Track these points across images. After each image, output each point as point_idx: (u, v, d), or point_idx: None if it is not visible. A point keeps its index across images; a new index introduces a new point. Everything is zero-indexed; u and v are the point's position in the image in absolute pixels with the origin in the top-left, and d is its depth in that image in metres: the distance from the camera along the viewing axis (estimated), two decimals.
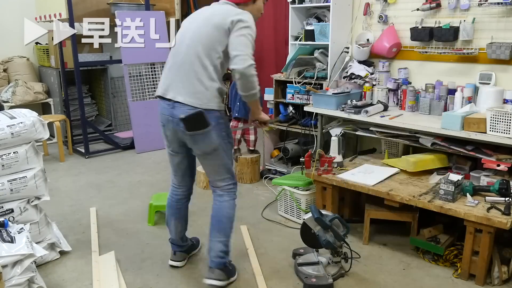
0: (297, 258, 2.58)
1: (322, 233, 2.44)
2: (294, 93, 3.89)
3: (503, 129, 2.54)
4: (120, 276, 2.44)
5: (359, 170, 3.03)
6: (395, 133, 3.08)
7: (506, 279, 2.39)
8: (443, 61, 3.30)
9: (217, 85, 2.20)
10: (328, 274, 2.40)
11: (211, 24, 2.18)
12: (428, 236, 2.65)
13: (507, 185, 2.44)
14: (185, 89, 2.20)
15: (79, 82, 4.81)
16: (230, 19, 2.13)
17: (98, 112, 6.03)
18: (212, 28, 2.17)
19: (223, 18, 2.15)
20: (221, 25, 2.14)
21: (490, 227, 2.28)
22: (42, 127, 2.59)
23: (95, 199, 3.66)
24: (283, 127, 4.03)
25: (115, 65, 5.59)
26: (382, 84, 3.53)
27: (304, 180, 3.17)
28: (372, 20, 3.67)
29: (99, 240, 2.90)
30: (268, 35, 6.11)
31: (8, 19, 5.30)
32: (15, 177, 2.48)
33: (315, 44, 3.78)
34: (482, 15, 3.05)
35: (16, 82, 5.18)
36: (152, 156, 4.92)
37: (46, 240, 2.63)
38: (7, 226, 2.29)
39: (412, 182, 2.81)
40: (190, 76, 2.19)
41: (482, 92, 2.88)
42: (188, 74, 2.20)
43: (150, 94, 5.11)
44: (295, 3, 3.88)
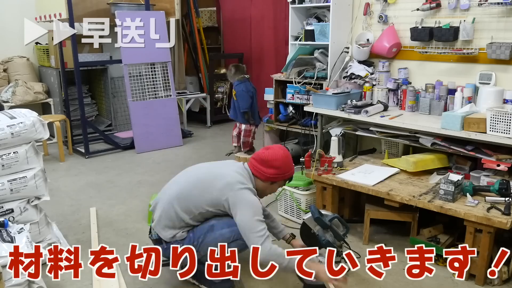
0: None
1: (322, 233, 2.44)
2: (294, 93, 3.89)
3: (503, 129, 2.54)
4: (120, 276, 2.44)
5: (359, 170, 3.02)
6: (395, 133, 3.08)
7: (506, 279, 2.39)
8: (443, 61, 3.30)
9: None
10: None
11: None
12: (428, 236, 2.65)
13: (507, 185, 2.44)
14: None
15: (79, 82, 4.81)
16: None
17: (98, 112, 6.03)
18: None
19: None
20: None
21: (490, 227, 2.28)
22: (42, 127, 2.59)
23: (95, 199, 3.65)
24: (283, 127, 4.03)
25: (115, 65, 5.59)
26: (382, 84, 3.53)
27: (304, 180, 3.17)
28: (372, 20, 3.67)
29: (99, 240, 2.90)
30: (268, 35, 6.13)
31: (8, 19, 5.30)
32: (15, 177, 2.48)
33: (315, 44, 3.79)
34: (482, 15, 3.04)
35: (16, 82, 5.18)
36: (152, 156, 4.92)
37: (46, 240, 2.62)
38: (7, 226, 2.29)
39: (412, 182, 2.81)
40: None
41: (482, 92, 2.88)
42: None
43: (150, 94, 5.12)
44: (295, 3, 3.89)
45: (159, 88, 5.19)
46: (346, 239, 2.55)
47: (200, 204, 2.17)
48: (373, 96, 3.49)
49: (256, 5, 6.25)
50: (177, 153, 5.04)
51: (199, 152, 5.06)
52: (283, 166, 2.26)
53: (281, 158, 2.26)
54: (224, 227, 2.18)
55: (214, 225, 2.20)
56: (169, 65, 5.23)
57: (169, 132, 5.23)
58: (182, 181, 2.30)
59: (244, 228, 2.10)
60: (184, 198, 2.19)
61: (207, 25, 7.04)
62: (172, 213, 2.19)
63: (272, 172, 2.24)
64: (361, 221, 2.93)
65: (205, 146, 5.35)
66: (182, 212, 2.18)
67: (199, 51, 6.57)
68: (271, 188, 2.33)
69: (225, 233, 2.18)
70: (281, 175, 2.28)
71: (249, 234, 2.08)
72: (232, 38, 6.85)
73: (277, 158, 2.24)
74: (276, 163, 2.24)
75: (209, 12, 7.10)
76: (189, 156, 4.90)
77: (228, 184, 2.15)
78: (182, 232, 2.21)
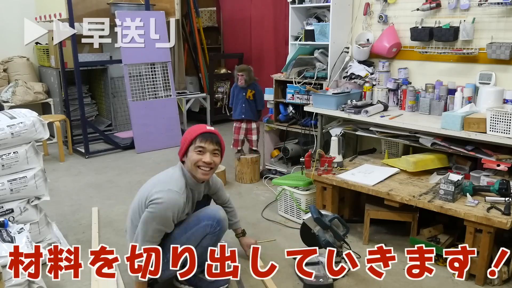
0: (297, 258, 2.58)
1: (322, 233, 2.44)
2: (294, 93, 3.88)
3: (503, 129, 2.54)
4: (119, 277, 2.44)
5: (359, 170, 3.02)
6: (395, 133, 3.08)
7: (506, 279, 2.39)
8: (443, 61, 3.30)
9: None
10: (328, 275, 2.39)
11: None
12: (428, 236, 2.65)
13: (507, 185, 2.44)
14: None
15: (79, 82, 4.81)
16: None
17: (98, 112, 6.03)
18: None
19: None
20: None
21: (490, 227, 2.28)
22: (42, 127, 2.59)
23: (95, 199, 3.66)
24: (283, 127, 4.03)
25: (115, 65, 5.59)
26: (382, 84, 3.53)
27: (304, 180, 3.17)
28: (372, 20, 3.67)
29: (99, 240, 2.90)
30: (268, 35, 6.12)
31: (8, 19, 5.30)
32: (15, 177, 2.48)
33: (315, 44, 3.78)
34: (482, 15, 3.04)
35: (16, 82, 5.18)
36: (152, 156, 4.92)
37: (46, 240, 2.62)
38: (7, 226, 2.29)
39: (412, 182, 2.81)
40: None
41: (482, 92, 2.88)
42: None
43: (150, 94, 5.12)
44: (295, 3, 3.88)
45: (159, 88, 5.19)
46: (346, 239, 2.55)
47: (136, 214, 2.19)
48: (373, 96, 3.49)
49: (256, 5, 6.24)
50: (177, 153, 5.03)
51: None
52: (185, 135, 2.24)
53: (184, 133, 2.27)
54: (193, 227, 2.19)
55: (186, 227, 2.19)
56: (169, 65, 5.23)
57: (169, 132, 5.23)
58: (138, 195, 2.29)
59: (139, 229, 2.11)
60: (137, 214, 2.20)
61: (207, 25, 7.04)
62: (131, 228, 2.24)
63: (180, 148, 2.24)
64: (361, 221, 2.93)
65: None
66: (135, 228, 2.19)
67: (199, 51, 6.57)
68: (190, 159, 2.19)
69: (194, 232, 2.18)
70: (184, 142, 2.22)
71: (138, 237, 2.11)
72: (232, 38, 6.85)
73: (182, 137, 2.27)
74: (181, 139, 2.26)
75: (209, 12, 7.10)
76: None
77: (157, 187, 2.13)
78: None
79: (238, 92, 3.97)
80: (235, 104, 4.04)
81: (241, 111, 3.98)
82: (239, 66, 4.04)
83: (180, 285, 2.36)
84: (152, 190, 2.11)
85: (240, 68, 3.92)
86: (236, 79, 3.91)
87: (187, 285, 2.35)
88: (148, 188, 2.16)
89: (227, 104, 6.61)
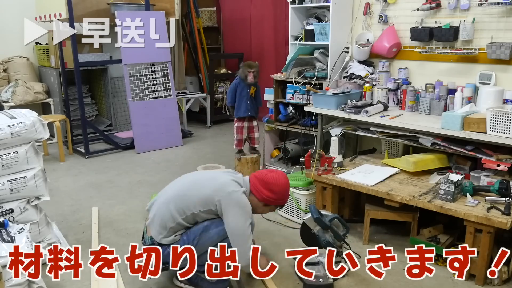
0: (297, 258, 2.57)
1: (322, 233, 2.44)
2: (294, 93, 3.88)
3: (503, 129, 2.54)
4: (119, 277, 2.44)
5: (359, 170, 3.02)
6: (395, 133, 3.08)
7: (506, 279, 2.39)
8: (443, 61, 3.30)
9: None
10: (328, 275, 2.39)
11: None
12: (428, 236, 2.65)
13: (507, 185, 2.44)
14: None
15: (79, 82, 4.81)
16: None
17: (98, 112, 6.03)
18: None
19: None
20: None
21: (490, 227, 2.28)
22: (42, 127, 2.59)
23: (95, 199, 3.66)
24: (283, 127, 4.03)
25: (115, 65, 5.59)
26: (382, 84, 3.53)
27: (304, 180, 3.17)
28: (372, 20, 3.67)
29: (99, 240, 2.90)
30: (268, 35, 6.13)
31: (8, 19, 5.30)
32: (15, 177, 2.48)
33: (315, 44, 3.78)
34: (482, 15, 3.04)
35: (16, 82, 5.18)
36: (152, 156, 4.92)
37: (46, 240, 2.62)
38: (7, 226, 2.29)
39: (412, 182, 2.81)
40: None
41: (482, 92, 2.88)
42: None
43: (150, 94, 5.12)
44: (295, 3, 3.88)
45: (159, 88, 5.19)
46: (346, 239, 2.55)
47: (193, 203, 2.18)
48: (373, 96, 3.49)
49: (256, 5, 6.25)
50: (177, 153, 5.04)
51: (199, 152, 5.06)
52: (281, 192, 2.30)
53: (282, 185, 2.29)
54: (218, 226, 2.20)
55: (208, 225, 2.21)
56: (169, 65, 5.23)
57: (169, 132, 5.24)
58: (179, 184, 2.33)
59: (235, 231, 2.14)
60: (180, 199, 2.21)
61: (207, 25, 7.04)
62: (166, 213, 2.20)
63: (269, 195, 2.27)
64: (361, 221, 2.93)
65: (205, 146, 5.35)
66: (175, 212, 2.19)
67: (199, 51, 6.57)
68: (262, 209, 2.36)
69: (220, 231, 2.19)
70: (276, 200, 2.31)
71: (238, 238, 2.13)
72: (232, 38, 6.85)
73: (278, 184, 2.27)
74: (276, 188, 2.27)
75: (209, 12, 7.10)
76: (189, 156, 4.90)
77: (223, 185, 2.19)
78: (174, 236, 2.21)
79: (242, 89, 3.92)
80: (239, 102, 3.96)
81: (247, 108, 3.96)
82: (248, 62, 3.99)
83: (180, 284, 2.36)
84: (226, 195, 2.17)
85: (250, 65, 3.90)
86: (245, 76, 3.88)
87: (187, 284, 2.35)
88: (215, 187, 2.19)
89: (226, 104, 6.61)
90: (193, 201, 2.18)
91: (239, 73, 3.93)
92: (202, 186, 2.23)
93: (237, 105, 4.00)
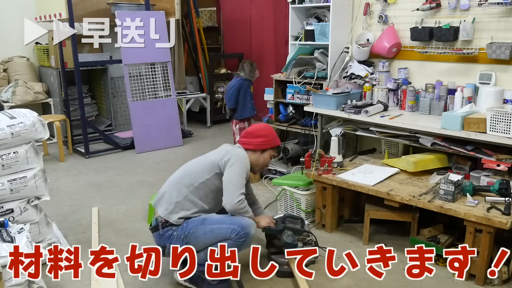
0: (271, 248, 2.67)
1: (286, 236, 2.48)
2: (294, 93, 3.89)
3: (503, 129, 2.54)
4: (119, 277, 2.44)
5: (359, 170, 3.02)
6: (395, 133, 3.08)
7: (506, 279, 2.39)
8: (443, 61, 3.30)
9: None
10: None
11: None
12: (428, 236, 2.65)
13: (507, 185, 2.44)
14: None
15: (79, 82, 4.81)
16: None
17: (98, 112, 6.03)
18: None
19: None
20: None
21: (490, 227, 2.28)
22: (42, 127, 2.59)
23: (95, 199, 3.66)
24: (283, 127, 4.03)
25: (115, 65, 5.59)
26: (382, 84, 3.53)
27: (304, 180, 3.17)
28: (372, 20, 3.67)
29: (99, 240, 2.90)
30: (268, 35, 6.12)
31: (8, 19, 5.30)
32: (15, 177, 2.48)
33: (315, 44, 3.78)
34: (482, 15, 3.05)
35: (16, 82, 5.18)
36: (152, 156, 4.92)
37: (46, 240, 2.62)
38: (7, 226, 2.29)
39: (412, 182, 2.81)
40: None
41: (482, 92, 2.88)
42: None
43: (150, 94, 5.12)
44: (295, 3, 3.89)
45: (159, 88, 5.19)
46: (311, 229, 2.71)
47: (199, 174, 2.32)
48: (373, 96, 3.49)
49: (256, 5, 6.24)
50: (177, 153, 5.04)
51: (199, 152, 5.01)
52: (269, 134, 2.49)
53: (265, 127, 2.53)
54: (215, 223, 2.25)
55: (206, 218, 2.28)
56: (169, 65, 5.23)
57: (169, 132, 5.24)
58: (184, 166, 2.47)
59: (230, 181, 2.25)
60: (187, 176, 2.36)
61: (207, 25, 7.04)
62: (174, 189, 2.32)
63: (260, 140, 2.45)
64: (361, 221, 2.93)
65: (205, 146, 5.34)
66: (183, 187, 2.30)
67: (199, 51, 6.57)
68: (263, 157, 2.48)
69: (214, 229, 2.24)
70: (269, 142, 2.48)
71: (232, 188, 2.24)
72: (232, 38, 6.85)
73: (261, 128, 2.51)
74: (262, 132, 2.49)
75: (209, 12, 7.10)
76: (189, 156, 4.88)
77: (226, 149, 2.40)
78: (178, 218, 2.26)
79: (246, 88, 3.91)
80: (244, 101, 3.92)
81: (253, 107, 3.96)
82: (250, 61, 4.02)
83: (184, 282, 2.36)
84: (230, 153, 2.34)
85: (252, 63, 3.93)
86: (254, 75, 3.89)
87: (187, 282, 2.35)
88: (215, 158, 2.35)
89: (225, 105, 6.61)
90: (199, 172, 2.34)
91: (245, 73, 3.89)
92: (205, 158, 2.41)
93: (241, 106, 3.95)
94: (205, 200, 2.32)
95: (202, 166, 2.35)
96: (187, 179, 2.33)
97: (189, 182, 2.31)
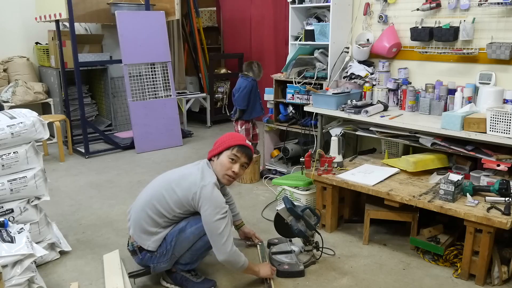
0: (272, 248, 2.68)
1: (295, 222, 2.52)
2: (294, 93, 3.88)
3: (503, 129, 2.54)
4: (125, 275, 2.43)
5: (359, 170, 3.02)
6: (395, 133, 3.08)
7: (506, 279, 2.39)
8: (443, 61, 3.30)
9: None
10: (299, 262, 2.50)
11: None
12: (428, 236, 2.65)
13: (507, 185, 2.44)
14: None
15: (79, 82, 4.81)
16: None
17: (98, 112, 6.03)
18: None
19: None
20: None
21: (490, 227, 2.28)
22: (42, 127, 2.59)
23: (95, 199, 3.66)
24: (283, 127, 4.03)
25: (115, 65, 5.59)
26: (382, 84, 3.53)
27: (304, 180, 3.17)
28: (372, 20, 3.67)
29: (99, 240, 2.90)
30: (268, 35, 6.13)
31: (8, 19, 5.30)
32: (15, 177, 2.48)
33: (315, 44, 3.78)
34: (482, 15, 3.05)
35: (16, 82, 5.18)
36: (152, 156, 4.92)
37: (46, 240, 2.62)
38: (7, 226, 2.29)
39: (412, 182, 2.81)
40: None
41: (482, 92, 2.88)
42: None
43: (150, 94, 5.12)
44: (295, 3, 3.88)
45: (159, 88, 5.19)
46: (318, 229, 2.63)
47: (171, 206, 2.20)
48: (373, 96, 3.49)
49: (256, 5, 6.25)
50: (177, 153, 5.04)
51: (199, 152, 5.06)
52: (227, 139, 2.33)
53: (223, 136, 2.38)
54: (193, 225, 2.21)
55: (184, 226, 2.22)
56: (169, 65, 5.23)
57: (169, 132, 5.24)
58: (151, 187, 2.33)
59: (208, 230, 2.14)
60: (156, 202, 2.21)
61: (207, 25, 7.04)
62: (146, 218, 2.22)
63: (220, 147, 2.31)
64: (361, 221, 2.94)
65: (205, 146, 5.35)
66: (155, 216, 2.21)
67: (199, 51, 6.57)
68: (220, 162, 2.28)
69: (194, 230, 2.21)
70: (220, 145, 2.32)
71: (213, 237, 2.13)
72: (232, 38, 6.86)
73: (219, 138, 2.38)
74: (220, 140, 2.36)
75: (209, 12, 7.10)
76: (189, 156, 4.90)
77: (192, 183, 2.18)
78: (153, 245, 2.22)
79: (256, 89, 3.93)
80: (254, 101, 3.91)
81: (261, 107, 3.96)
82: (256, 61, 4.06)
83: (167, 284, 2.37)
84: (197, 191, 2.14)
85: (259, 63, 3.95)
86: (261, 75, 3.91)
87: (173, 284, 2.35)
88: (186, 187, 2.18)
89: (227, 104, 6.61)
90: (170, 204, 2.20)
91: (254, 73, 3.93)
92: (175, 187, 2.21)
93: (251, 107, 3.94)
94: (176, 221, 2.26)
95: (172, 201, 2.19)
96: (157, 208, 2.20)
97: (159, 211, 2.20)
